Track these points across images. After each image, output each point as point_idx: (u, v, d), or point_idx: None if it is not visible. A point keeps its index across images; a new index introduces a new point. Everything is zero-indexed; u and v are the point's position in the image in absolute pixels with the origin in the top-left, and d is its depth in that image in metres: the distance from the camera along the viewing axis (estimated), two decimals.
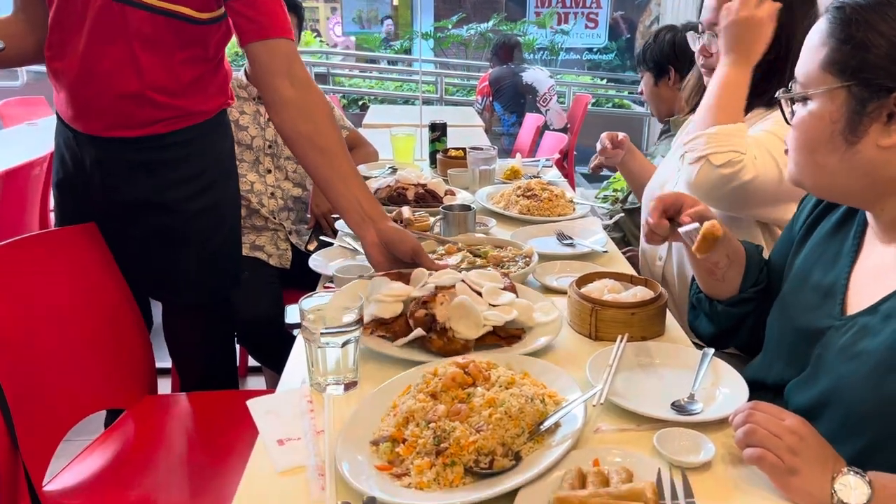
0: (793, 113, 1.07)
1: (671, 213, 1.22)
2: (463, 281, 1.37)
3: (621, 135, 2.21)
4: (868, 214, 1.10)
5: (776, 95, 1.10)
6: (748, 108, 1.57)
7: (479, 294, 1.36)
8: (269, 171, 2.52)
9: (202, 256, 1.80)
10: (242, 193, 2.44)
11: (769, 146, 1.48)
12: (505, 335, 1.32)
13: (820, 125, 1.01)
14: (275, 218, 2.51)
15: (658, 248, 1.80)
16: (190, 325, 1.93)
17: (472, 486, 0.93)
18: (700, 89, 1.75)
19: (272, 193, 2.52)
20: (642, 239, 1.30)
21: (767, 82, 1.54)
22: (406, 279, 1.41)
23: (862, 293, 1.06)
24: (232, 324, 2.11)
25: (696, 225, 1.15)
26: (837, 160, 1.01)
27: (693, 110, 1.78)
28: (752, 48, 1.52)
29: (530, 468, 0.93)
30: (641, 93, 2.81)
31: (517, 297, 1.39)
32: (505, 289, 1.40)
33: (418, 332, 1.27)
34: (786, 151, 1.11)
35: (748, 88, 1.53)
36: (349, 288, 1.42)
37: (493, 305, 1.35)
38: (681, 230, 1.17)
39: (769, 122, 1.56)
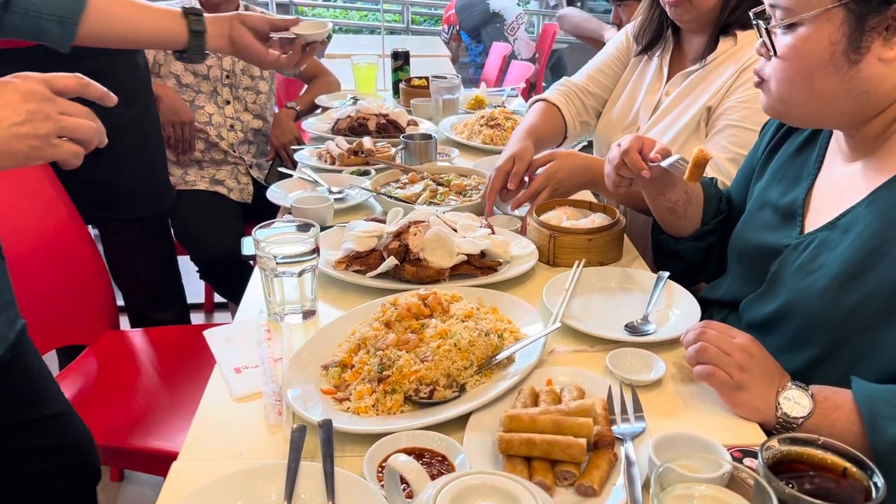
0: (772, 43, 1.01)
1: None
2: (438, 216, 1.36)
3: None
4: (838, 135, 1.09)
5: (757, 28, 1.03)
6: (724, 30, 1.53)
7: (455, 230, 1.35)
8: (228, 103, 2.44)
9: (135, 172, 1.84)
10: (201, 125, 2.38)
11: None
12: (480, 266, 1.32)
13: (817, 49, 0.96)
14: (234, 151, 2.45)
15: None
16: (131, 243, 1.96)
17: (409, 414, 0.94)
18: (651, 21, 1.68)
19: (231, 126, 2.45)
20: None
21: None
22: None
23: (821, 211, 1.07)
24: (172, 243, 2.14)
25: (678, 156, 1.15)
26: (837, 83, 0.97)
27: (645, 49, 1.71)
28: None
29: (472, 400, 0.95)
30: (615, 22, 2.74)
31: (492, 234, 1.38)
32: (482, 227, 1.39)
33: (391, 261, 1.27)
34: (758, 84, 1.06)
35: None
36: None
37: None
38: (664, 164, 1.16)
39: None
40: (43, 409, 1.22)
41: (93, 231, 1.95)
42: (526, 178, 1.54)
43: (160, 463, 1.39)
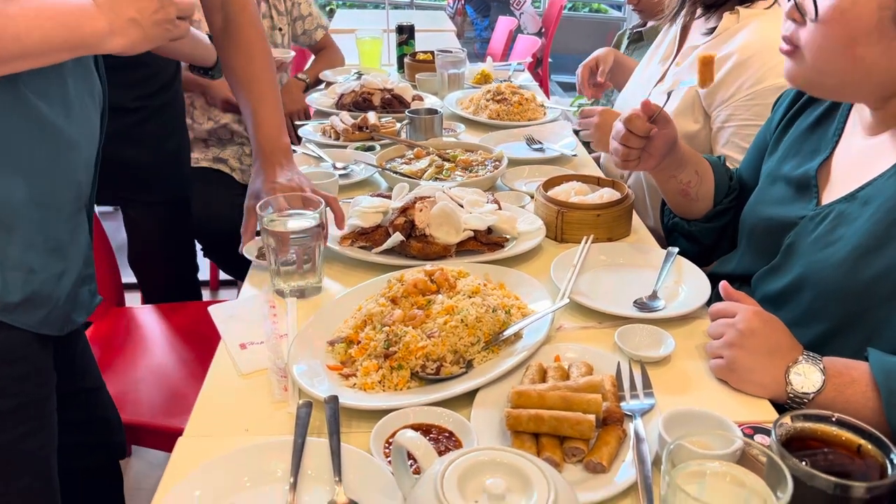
0: (815, 4, 0.94)
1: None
2: (444, 192, 1.34)
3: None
4: (860, 108, 1.06)
5: None
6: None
7: (461, 206, 1.33)
8: None
9: (163, 153, 1.91)
10: (215, 104, 2.34)
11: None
12: (487, 242, 1.30)
13: (865, 13, 0.90)
14: (246, 131, 2.42)
15: None
16: (153, 225, 1.98)
17: (416, 391, 0.93)
18: None
19: None
20: (610, 153, 1.26)
21: None
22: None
23: (839, 183, 1.05)
24: (191, 230, 2.15)
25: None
26: (880, 52, 0.91)
27: (675, 16, 1.68)
28: None
29: (480, 376, 0.94)
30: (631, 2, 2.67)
31: (499, 209, 1.36)
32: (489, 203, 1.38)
33: (397, 236, 1.25)
34: (788, 52, 1.00)
35: None
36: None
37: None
38: (668, 101, 1.14)
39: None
40: (85, 382, 1.28)
41: (107, 209, 1.97)
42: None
43: (166, 439, 1.40)
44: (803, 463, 0.65)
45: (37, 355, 1.03)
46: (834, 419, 0.71)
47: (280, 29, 2.54)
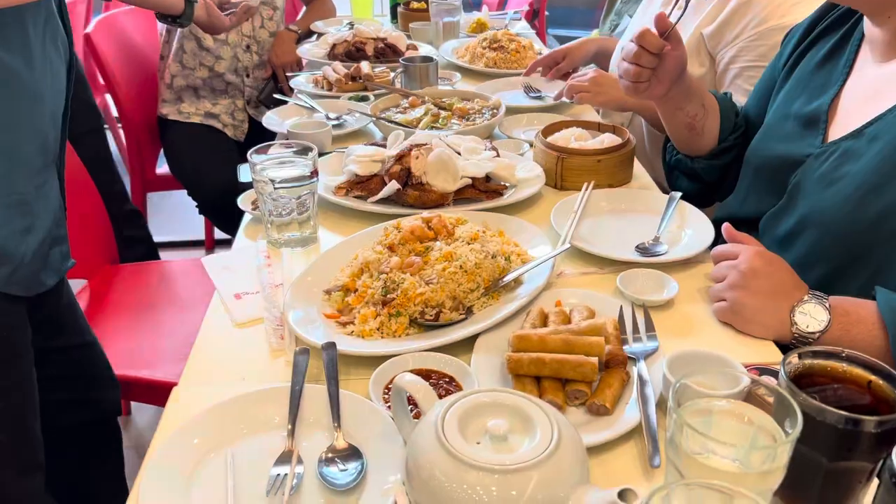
0: None
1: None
2: (440, 139, 1.30)
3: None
4: (872, 35, 1.02)
5: None
6: None
7: (458, 153, 1.30)
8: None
9: None
10: (210, 48, 2.28)
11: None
12: (485, 190, 1.27)
13: None
14: (249, 76, 2.36)
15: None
16: None
17: (415, 337, 0.92)
18: None
19: (248, 46, 2.35)
20: (619, 77, 1.21)
21: None
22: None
23: (847, 119, 1.02)
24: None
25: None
26: None
27: None
28: None
29: (480, 322, 0.92)
30: None
31: (497, 156, 1.33)
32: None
33: (393, 185, 1.22)
34: None
35: None
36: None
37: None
38: (677, 12, 1.09)
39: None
40: (71, 339, 1.26)
41: None
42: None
43: (165, 394, 1.39)
44: (813, 398, 0.64)
45: (6, 314, 1.00)
46: (843, 355, 0.69)
47: None
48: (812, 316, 0.89)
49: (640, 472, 0.74)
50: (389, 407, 0.77)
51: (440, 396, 0.77)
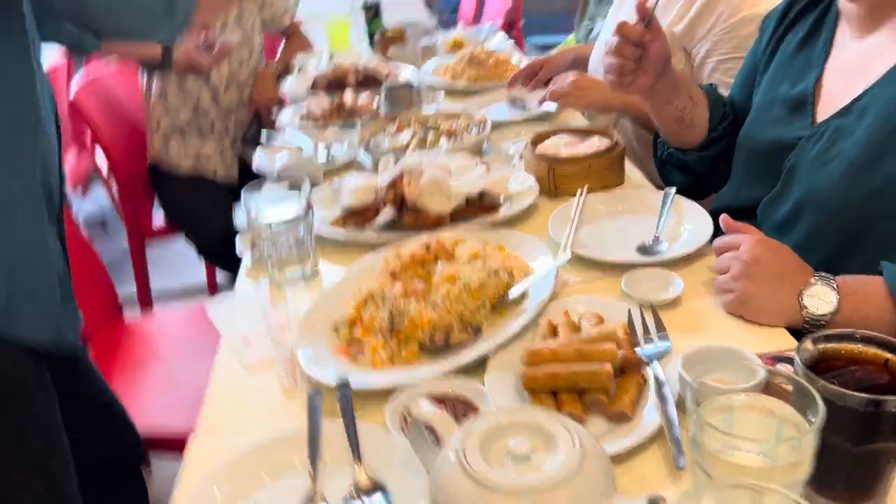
0: None
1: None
2: (431, 161, 1.31)
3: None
4: (847, 5, 1.03)
5: None
6: None
7: (450, 173, 1.30)
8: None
9: None
10: (191, 90, 2.29)
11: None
12: (480, 207, 1.27)
13: None
14: (232, 116, 2.36)
15: None
16: None
17: (427, 363, 0.91)
18: None
19: (228, 85, 2.35)
20: (604, 74, 1.20)
21: None
22: None
23: (832, 99, 1.02)
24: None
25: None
26: None
27: None
28: None
29: (489, 340, 0.91)
30: None
31: (488, 172, 1.33)
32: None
33: (388, 211, 1.22)
34: None
35: None
36: None
37: None
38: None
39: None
40: (94, 398, 1.26)
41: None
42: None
43: (180, 444, 1.38)
44: (832, 383, 0.63)
45: (30, 373, 1.00)
46: (857, 336, 0.68)
47: (249, 13, 2.46)
48: (821, 298, 0.88)
49: (665, 475, 0.74)
50: (409, 437, 0.76)
51: (458, 420, 0.76)
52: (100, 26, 1.05)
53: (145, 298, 2.44)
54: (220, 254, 2.36)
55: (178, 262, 2.97)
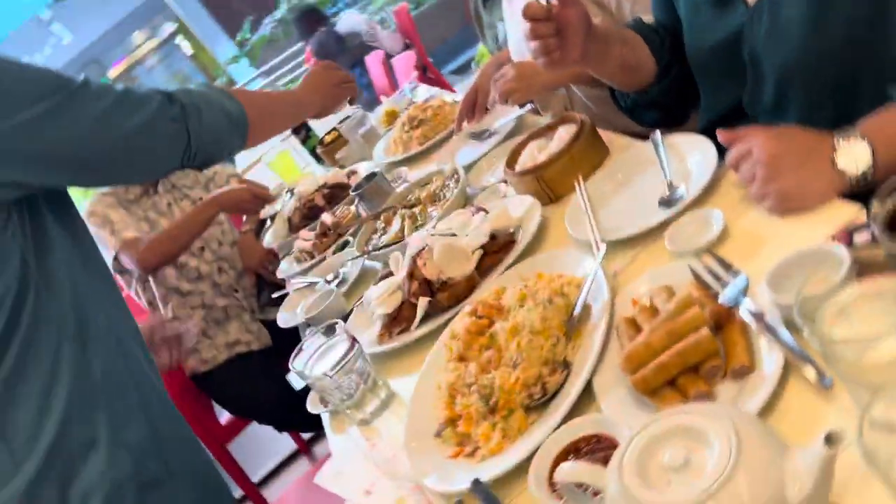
0: None
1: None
2: (432, 235, 1.31)
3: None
4: None
5: None
6: None
7: (455, 235, 1.30)
8: (203, 249, 2.35)
9: None
10: (191, 291, 2.33)
11: None
12: (499, 249, 1.26)
13: None
14: (236, 293, 2.40)
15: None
16: None
17: (540, 421, 0.88)
18: None
19: (219, 269, 2.38)
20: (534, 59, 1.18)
21: None
22: None
23: None
24: None
25: None
26: None
27: None
28: None
29: (583, 367, 0.89)
30: None
31: (488, 213, 1.33)
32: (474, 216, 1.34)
33: (423, 302, 1.22)
34: None
35: None
36: None
37: None
38: None
39: None
40: None
41: None
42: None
43: None
44: None
45: None
46: None
47: (200, 199, 2.52)
48: (853, 152, 0.85)
49: (820, 402, 0.70)
50: (563, 499, 0.74)
51: (602, 461, 0.74)
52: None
53: (257, 497, 2.42)
54: (294, 419, 2.35)
55: (264, 442, 2.97)
